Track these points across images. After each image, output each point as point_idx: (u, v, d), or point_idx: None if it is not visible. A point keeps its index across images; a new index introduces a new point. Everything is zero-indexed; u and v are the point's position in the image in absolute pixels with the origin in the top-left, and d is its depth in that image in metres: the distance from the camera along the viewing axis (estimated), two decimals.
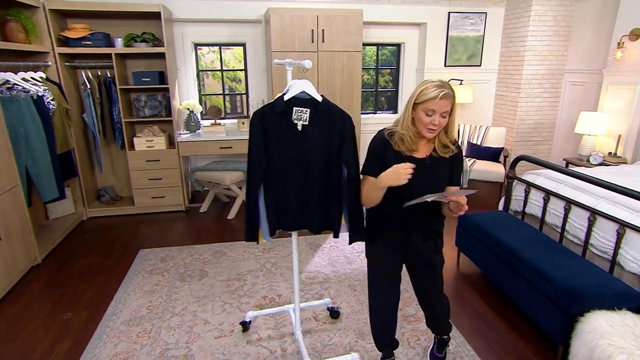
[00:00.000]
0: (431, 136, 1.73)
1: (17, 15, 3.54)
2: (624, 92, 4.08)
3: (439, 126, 1.69)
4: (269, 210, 1.98)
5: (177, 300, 2.91)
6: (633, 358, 1.71)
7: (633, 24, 3.93)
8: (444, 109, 1.64)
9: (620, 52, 4.01)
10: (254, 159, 1.89)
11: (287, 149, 1.86)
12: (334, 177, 1.97)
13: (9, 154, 3.11)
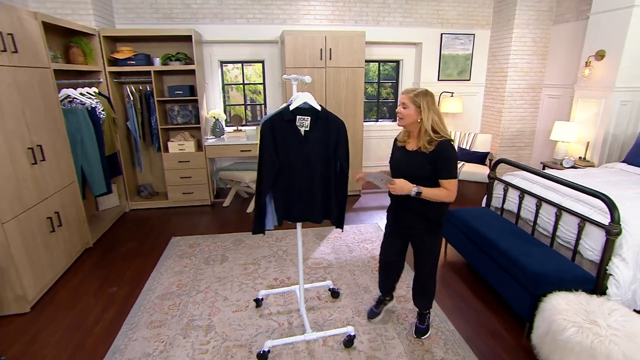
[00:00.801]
0: (398, 123, 2.03)
1: (78, 42, 3.70)
2: (592, 104, 4.06)
3: (402, 114, 1.98)
4: (277, 204, 2.05)
5: (202, 280, 3.01)
6: (582, 330, 1.77)
7: (598, 46, 3.92)
8: (402, 100, 1.98)
9: (588, 70, 4.00)
10: (267, 162, 1.94)
11: (292, 151, 1.93)
12: (332, 173, 2.05)
13: (68, 156, 3.26)
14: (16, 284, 2.53)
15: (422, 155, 1.95)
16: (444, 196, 1.94)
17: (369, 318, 2.49)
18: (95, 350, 2.27)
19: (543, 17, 4.85)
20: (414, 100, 1.92)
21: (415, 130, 1.99)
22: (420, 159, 1.96)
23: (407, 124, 1.99)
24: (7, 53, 2.55)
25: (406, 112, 1.95)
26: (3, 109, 2.49)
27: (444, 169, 1.93)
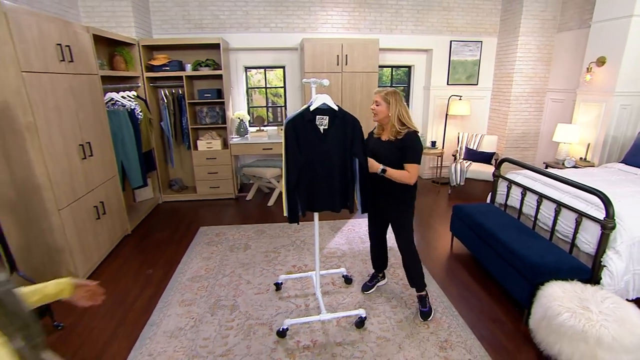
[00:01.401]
0: (373, 119, 2.23)
1: (121, 51, 3.89)
2: (593, 108, 4.03)
3: (376, 110, 2.18)
4: (301, 196, 2.11)
5: (227, 265, 3.13)
6: (575, 315, 1.81)
7: (599, 53, 3.88)
8: (375, 99, 2.18)
9: (589, 75, 3.96)
10: (292, 159, 2.00)
11: (313, 148, 2.00)
12: (349, 167, 2.14)
13: (111, 152, 3.44)
14: (69, 263, 2.71)
15: (392, 143, 2.19)
16: (405, 177, 2.14)
17: (363, 291, 2.72)
18: (136, 323, 2.42)
19: (547, 26, 4.81)
20: (384, 98, 2.14)
21: (387, 123, 2.21)
22: (390, 146, 2.19)
23: (380, 119, 2.20)
24: (65, 62, 2.73)
25: (379, 108, 2.17)
26: (61, 111, 2.67)
27: (408, 153, 2.14)
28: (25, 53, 2.33)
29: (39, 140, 2.44)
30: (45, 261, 2.68)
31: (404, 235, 2.36)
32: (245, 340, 2.23)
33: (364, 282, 2.79)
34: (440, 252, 3.36)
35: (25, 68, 2.32)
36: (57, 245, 2.66)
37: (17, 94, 2.32)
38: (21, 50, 2.29)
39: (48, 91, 2.55)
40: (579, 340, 1.79)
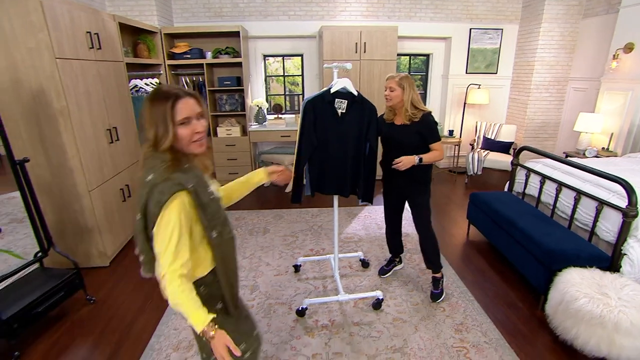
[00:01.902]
0: (387, 104, 2.25)
1: (144, 39, 3.96)
2: (618, 96, 3.91)
3: (390, 96, 2.19)
4: (312, 177, 2.15)
5: (247, 248, 3.21)
6: (593, 300, 1.82)
7: (627, 39, 3.75)
8: (389, 85, 2.19)
9: (616, 63, 3.84)
10: (306, 138, 2.03)
11: (329, 130, 2.02)
12: (362, 152, 2.17)
13: (135, 138, 3.53)
14: (99, 242, 2.84)
15: (409, 127, 2.22)
16: (438, 156, 2.23)
17: (380, 274, 2.77)
18: (161, 299, 2.46)
19: (572, 12, 4.65)
20: (399, 84, 2.17)
21: (399, 108, 2.23)
22: (406, 130, 2.23)
23: (394, 104, 2.22)
24: (94, 49, 2.81)
25: (394, 94, 2.19)
26: (90, 96, 2.77)
27: (431, 135, 2.22)
28: (59, 40, 2.41)
29: (71, 125, 2.54)
30: (77, 240, 2.81)
31: (423, 215, 2.41)
32: (266, 319, 2.31)
33: (381, 266, 2.83)
34: (457, 239, 3.37)
35: (59, 54, 2.41)
36: (88, 225, 2.78)
37: (52, 80, 2.41)
38: (55, 38, 2.37)
39: (79, 77, 2.64)
40: (596, 325, 1.80)
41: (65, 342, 2.14)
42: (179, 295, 1.05)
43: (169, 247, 1.04)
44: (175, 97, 1.07)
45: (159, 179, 1.06)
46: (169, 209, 1.05)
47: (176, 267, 1.05)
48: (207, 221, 1.14)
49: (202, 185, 1.14)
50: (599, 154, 3.92)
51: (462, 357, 1.99)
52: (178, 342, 2.12)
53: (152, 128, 1.08)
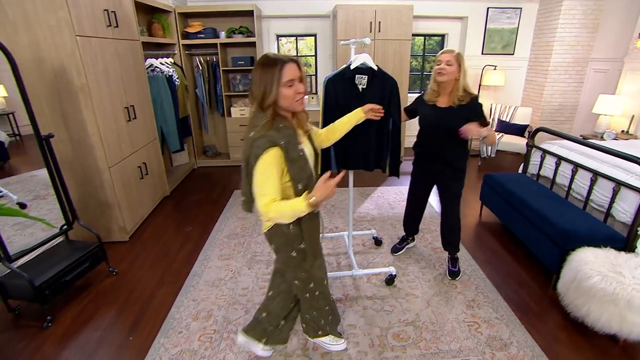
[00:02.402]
0: (441, 79, 2.06)
1: (159, 18, 3.96)
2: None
3: (446, 71, 2.03)
4: (337, 153, 2.17)
5: (262, 225, 3.28)
6: (607, 279, 1.82)
7: None
8: (446, 59, 2.03)
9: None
10: (330, 118, 2.01)
11: (352, 106, 2.00)
12: (385, 126, 2.15)
13: (151, 116, 3.58)
14: (119, 217, 2.93)
15: (455, 111, 2.09)
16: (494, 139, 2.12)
17: (393, 252, 2.77)
18: (179, 272, 2.62)
19: None
20: (457, 59, 2.03)
21: (448, 88, 2.10)
22: (452, 113, 2.09)
23: (446, 80, 2.06)
24: (111, 27, 2.83)
25: (450, 69, 2.04)
26: (109, 74, 2.80)
27: (482, 119, 2.09)
28: (78, 18, 2.43)
29: (91, 102, 2.58)
30: (98, 215, 2.89)
31: (456, 203, 2.35)
32: None
33: (393, 244, 2.86)
34: (469, 220, 3.38)
35: (79, 32, 2.43)
36: (108, 200, 2.86)
37: (72, 57, 2.44)
38: (75, 15, 2.39)
39: (98, 55, 2.66)
40: (608, 303, 1.81)
41: (92, 310, 2.24)
42: (278, 209, 1.28)
43: (263, 189, 1.29)
44: (282, 62, 1.28)
45: (257, 136, 1.30)
46: (262, 160, 1.28)
47: (269, 201, 1.28)
48: (295, 174, 1.35)
49: (293, 143, 1.34)
50: (617, 136, 3.85)
51: (473, 331, 2.03)
52: (197, 312, 2.20)
53: (261, 88, 1.29)
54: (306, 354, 1.89)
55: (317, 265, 1.63)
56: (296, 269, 1.60)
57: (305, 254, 1.54)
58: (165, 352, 1.90)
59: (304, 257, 1.55)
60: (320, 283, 1.69)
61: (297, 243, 1.52)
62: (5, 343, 1.97)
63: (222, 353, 1.89)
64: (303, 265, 1.57)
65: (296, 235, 1.49)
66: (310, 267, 1.59)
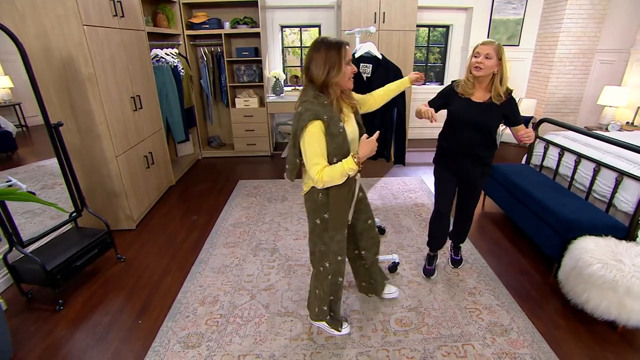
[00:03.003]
0: (478, 73, 1.86)
1: (164, 8, 3.97)
2: None
3: (484, 65, 1.82)
4: None
5: (266, 215, 3.31)
6: (607, 266, 1.85)
7: None
8: (485, 51, 1.82)
9: None
10: None
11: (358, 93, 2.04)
12: (390, 115, 2.15)
13: (157, 107, 3.60)
14: (126, 206, 2.97)
15: (495, 106, 1.91)
16: None
17: (428, 276, 2.40)
18: (186, 260, 2.66)
19: None
20: (497, 52, 1.82)
21: (485, 81, 1.91)
22: (491, 110, 1.92)
23: (484, 75, 1.87)
24: (117, 17, 2.85)
25: (489, 62, 1.83)
26: (115, 64, 2.83)
27: (517, 117, 1.98)
28: (85, 7, 2.45)
29: (99, 91, 2.61)
30: (105, 203, 2.94)
31: (477, 199, 2.27)
32: (286, 278, 2.43)
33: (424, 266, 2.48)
34: None
35: (86, 22, 2.46)
36: (115, 189, 2.91)
37: (80, 47, 2.47)
38: (82, 4, 2.41)
39: (104, 44, 2.69)
40: (608, 290, 1.84)
41: (101, 294, 2.30)
42: (329, 173, 1.44)
43: (314, 159, 1.44)
44: (342, 44, 1.45)
45: (303, 110, 1.45)
46: (307, 131, 1.43)
47: (320, 169, 1.44)
48: (332, 149, 1.47)
49: (334, 119, 1.47)
50: (622, 128, 3.84)
51: (474, 317, 2.07)
52: (204, 298, 2.25)
53: (326, 67, 1.43)
54: (311, 338, 1.93)
55: (337, 239, 1.69)
56: (318, 238, 1.71)
57: (327, 224, 1.63)
58: (174, 335, 1.96)
59: (325, 228, 1.65)
60: (334, 260, 1.73)
61: (323, 212, 1.63)
62: (19, 326, 2.03)
63: (229, 336, 1.94)
64: (324, 237, 1.68)
65: (323, 204, 1.61)
66: (330, 240, 1.68)
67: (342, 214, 1.65)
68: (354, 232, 1.90)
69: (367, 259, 1.99)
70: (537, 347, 1.86)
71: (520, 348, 1.86)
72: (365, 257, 1.98)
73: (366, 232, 1.91)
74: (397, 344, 1.89)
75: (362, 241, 1.92)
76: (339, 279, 1.82)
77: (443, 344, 1.88)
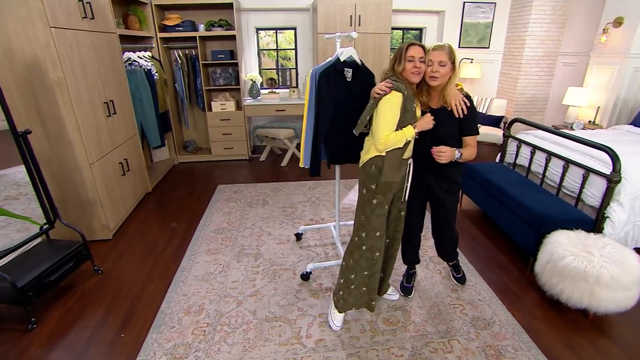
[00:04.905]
0: (434, 83, 1.73)
1: (135, 10, 3.85)
2: (606, 70, 4.05)
3: (439, 73, 1.69)
4: (327, 148, 2.18)
5: (248, 219, 3.28)
6: (579, 258, 1.97)
7: (617, 13, 3.86)
8: (438, 58, 1.68)
9: (605, 37, 3.96)
10: (324, 110, 2.03)
11: (340, 99, 2.02)
12: None
13: (131, 111, 3.50)
14: (101, 215, 2.87)
15: (449, 113, 1.76)
16: (472, 154, 1.82)
17: (406, 294, 2.26)
18: (167, 268, 2.60)
19: None
20: (450, 56, 1.68)
21: (439, 87, 1.76)
22: (449, 118, 1.77)
23: (441, 84, 1.73)
24: (87, 19, 2.75)
25: (444, 70, 1.69)
26: (86, 68, 2.72)
27: (472, 124, 1.79)
28: (52, 8, 2.35)
29: (69, 96, 2.51)
30: (79, 213, 2.83)
31: (454, 217, 2.09)
32: (272, 283, 2.42)
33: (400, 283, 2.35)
34: None
35: (53, 23, 2.35)
36: (89, 198, 2.80)
37: (47, 49, 2.36)
38: (48, 5, 2.31)
39: (74, 47, 2.59)
40: (579, 280, 1.96)
41: (78, 309, 2.21)
42: (393, 137, 1.66)
43: (384, 124, 1.67)
44: (407, 44, 1.70)
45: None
46: (387, 98, 1.66)
47: (388, 134, 1.66)
48: (402, 121, 1.69)
49: (411, 99, 1.70)
50: (585, 127, 4.08)
51: (458, 312, 2.14)
52: (188, 307, 2.21)
53: (394, 58, 1.73)
54: (300, 342, 1.94)
55: (378, 212, 1.79)
56: (360, 209, 1.84)
57: (372, 195, 1.76)
58: (159, 347, 1.91)
59: (370, 199, 1.78)
60: (372, 234, 1.82)
61: (371, 182, 1.76)
62: None
63: (217, 345, 1.92)
64: (366, 208, 1.80)
65: (373, 175, 1.75)
66: (370, 212, 1.78)
67: (392, 172, 1.74)
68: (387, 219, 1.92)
69: (388, 250, 2.03)
70: (518, 338, 1.95)
71: (502, 340, 1.94)
72: (388, 248, 2.02)
73: (395, 222, 1.97)
74: (386, 343, 1.93)
75: (389, 229, 1.98)
76: (376, 254, 1.87)
77: (430, 341, 1.94)
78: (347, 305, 1.97)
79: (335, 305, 2.01)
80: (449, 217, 2.09)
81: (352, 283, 1.93)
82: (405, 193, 1.88)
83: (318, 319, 2.09)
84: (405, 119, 1.70)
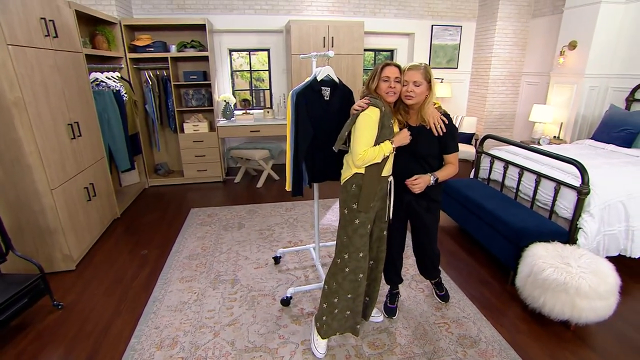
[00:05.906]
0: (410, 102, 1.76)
1: (103, 30, 3.76)
2: (565, 89, 4.31)
3: (414, 93, 1.72)
4: (307, 167, 2.15)
5: (223, 244, 3.16)
6: (558, 270, 2.00)
7: (571, 37, 4.16)
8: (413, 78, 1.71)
9: (562, 59, 4.24)
10: (303, 131, 2.01)
11: (319, 117, 2.01)
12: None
13: (98, 134, 3.35)
14: (63, 244, 2.67)
15: (428, 131, 1.77)
16: (452, 172, 1.83)
17: (390, 315, 2.22)
18: (137, 299, 2.44)
19: (523, 11, 5.04)
20: (425, 76, 1.71)
21: (417, 106, 1.78)
22: (426, 134, 1.78)
23: (417, 102, 1.75)
24: (49, 38, 2.64)
25: (420, 90, 1.71)
26: (48, 88, 2.60)
27: (452, 142, 1.81)
28: (10, 24, 2.24)
29: (28, 118, 2.37)
30: (38, 243, 2.62)
31: (434, 235, 2.08)
32: (250, 310, 2.31)
33: (384, 304, 2.29)
34: None
35: (11, 41, 2.24)
36: (50, 226, 2.61)
37: (3, 68, 2.23)
38: (5, 21, 2.20)
39: (34, 67, 2.47)
40: (560, 292, 1.98)
41: (33, 350, 2.00)
42: (370, 152, 1.68)
43: (361, 139, 1.69)
44: (383, 64, 1.73)
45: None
46: (364, 114, 1.69)
47: (365, 150, 1.68)
48: (378, 138, 1.71)
49: (388, 116, 1.73)
50: (551, 142, 4.28)
51: (444, 331, 2.10)
52: (161, 341, 2.06)
53: (369, 77, 1.77)
54: None
55: (360, 233, 1.77)
56: (343, 230, 1.81)
57: (354, 215, 1.74)
58: None
59: (351, 219, 1.76)
60: (355, 255, 1.79)
61: (352, 202, 1.75)
62: None
63: None
64: (348, 229, 1.78)
65: (354, 195, 1.75)
66: (352, 232, 1.76)
67: (372, 188, 1.73)
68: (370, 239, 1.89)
69: (372, 272, 1.98)
70: (505, 354, 1.93)
71: (490, 358, 1.91)
72: (372, 269, 1.97)
73: (378, 242, 1.93)
74: None
75: (372, 250, 1.93)
76: (360, 276, 1.82)
77: None
78: (330, 330, 1.89)
79: (318, 331, 1.92)
80: (430, 236, 2.08)
81: (335, 307, 1.86)
82: (388, 212, 1.87)
83: (301, 347, 2.00)
84: (382, 134, 1.71)
